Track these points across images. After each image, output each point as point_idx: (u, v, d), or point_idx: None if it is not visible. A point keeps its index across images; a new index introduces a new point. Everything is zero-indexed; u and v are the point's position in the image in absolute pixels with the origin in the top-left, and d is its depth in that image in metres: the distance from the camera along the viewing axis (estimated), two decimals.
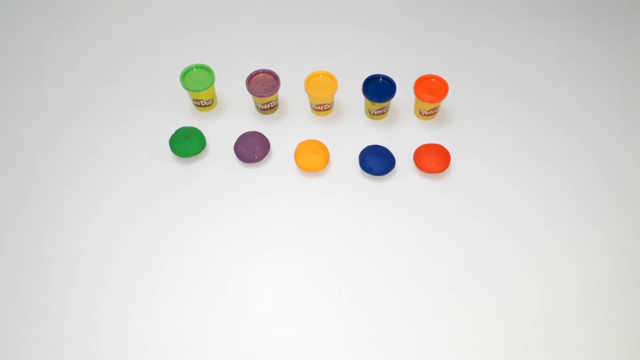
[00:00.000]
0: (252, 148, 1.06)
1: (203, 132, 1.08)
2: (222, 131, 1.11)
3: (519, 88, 1.19)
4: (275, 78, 1.10)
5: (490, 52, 1.24)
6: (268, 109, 1.13)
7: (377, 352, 0.89)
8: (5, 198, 1.03)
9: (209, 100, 1.12)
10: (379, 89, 1.09)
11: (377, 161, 1.04)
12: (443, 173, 1.06)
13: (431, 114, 1.12)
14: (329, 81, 1.09)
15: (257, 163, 1.07)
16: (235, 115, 1.14)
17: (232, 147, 1.08)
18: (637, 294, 0.94)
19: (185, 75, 1.09)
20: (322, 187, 1.05)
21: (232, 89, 1.15)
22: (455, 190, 1.04)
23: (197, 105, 1.13)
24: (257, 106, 1.13)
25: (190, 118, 1.14)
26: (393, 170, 1.07)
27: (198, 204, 1.03)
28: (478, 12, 1.31)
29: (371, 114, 1.13)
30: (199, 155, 1.08)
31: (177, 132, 1.07)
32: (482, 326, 0.91)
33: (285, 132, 1.11)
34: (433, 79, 1.10)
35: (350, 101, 1.15)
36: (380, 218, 1.01)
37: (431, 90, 1.08)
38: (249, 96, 1.13)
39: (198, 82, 1.09)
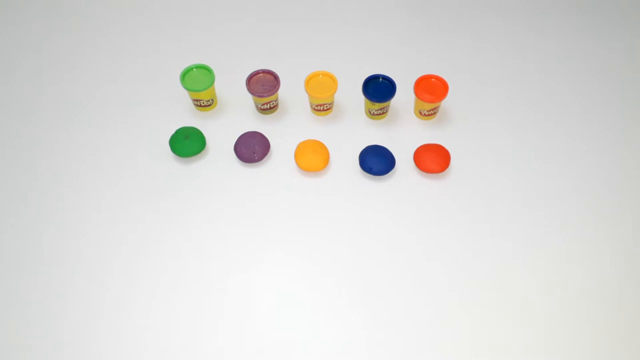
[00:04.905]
0: (252, 148, 1.06)
1: (203, 132, 1.08)
2: (222, 131, 1.11)
3: (519, 88, 1.19)
4: (275, 78, 1.10)
5: (490, 52, 1.24)
6: (268, 109, 1.13)
7: (377, 352, 0.89)
8: (5, 198, 1.03)
9: (209, 100, 1.12)
10: (379, 89, 1.09)
11: (377, 161, 1.04)
12: (443, 173, 1.06)
13: (431, 114, 1.12)
14: (329, 81, 1.10)
15: (257, 163, 1.07)
16: (235, 115, 1.14)
17: (232, 147, 1.08)
18: (637, 294, 0.94)
19: (185, 75, 1.09)
20: (322, 187, 1.05)
21: (232, 89, 1.15)
22: (455, 190, 1.04)
23: (197, 105, 1.13)
24: (257, 106, 1.13)
25: (190, 118, 1.14)
26: (393, 170, 1.07)
27: (198, 204, 1.03)
28: (478, 12, 1.31)
29: (371, 114, 1.13)
30: (199, 155, 1.08)
31: (177, 132, 1.07)
32: (482, 326, 0.91)
33: (285, 132, 1.11)
34: (433, 79, 1.10)
35: (350, 101, 1.15)
36: (380, 218, 1.01)
37: (431, 90, 1.08)
38: (249, 96, 1.13)
39: (198, 82, 1.09)
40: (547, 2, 1.33)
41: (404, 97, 1.13)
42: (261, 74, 1.11)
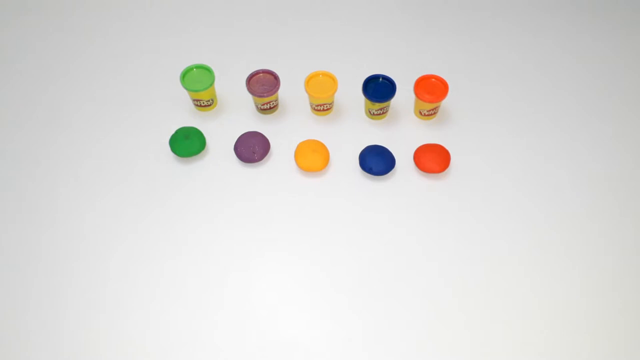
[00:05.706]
0: (252, 148, 1.06)
1: (203, 132, 1.08)
2: (222, 131, 1.11)
3: (518, 88, 1.19)
4: (275, 78, 1.10)
5: (490, 52, 1.24)
6: (268, 109, 1.13)
7: (377, 352, 0.89)
8: (4, 199, 1.03)
9: (209, 100, 1.12)
10: (379, 89, 1.09)
11: (377, 161, 1.04)
12: (443, 173, 1.06)
13: (431, 114, 1.12)
14: (329, 81, 1.10)
15: (257, 163, 1.07)
16: (235, 115, 1.14)
17: (232, 147, 1.08)
18: (637, 294, 0.94)
19: (185, 75, 1.09)
20: (322, 187, 1.05)
21: (232, 89, 1.15)
22: (455, 190, 1.04)
23: (197, 105, 1.13)
24: (257, 106, 1.13)
25: (190, 118, 1.14)
26: (393, 170, 1.07)
27: (198, 204, 1.02)
28: (478, 12, 1.31)
29: (371, 114, 1.13)
30: (199, 155, 1.08)
31: (177, 132, 1.07)
32: (482, 326, 0.91)
33: (285, 132, 1.11)
34: (433, 79, 1.10)
35: (350, 101, 1.15)
36: (380, 218, 1.01)
37: (431, 90, 1.08)
38: (249, 96, 1.13)
39: (198, 82, 1.09)
40: (547, 2, 1.33)
41: (404, 97, 1.13)
42: (261, 74, 1.11)
